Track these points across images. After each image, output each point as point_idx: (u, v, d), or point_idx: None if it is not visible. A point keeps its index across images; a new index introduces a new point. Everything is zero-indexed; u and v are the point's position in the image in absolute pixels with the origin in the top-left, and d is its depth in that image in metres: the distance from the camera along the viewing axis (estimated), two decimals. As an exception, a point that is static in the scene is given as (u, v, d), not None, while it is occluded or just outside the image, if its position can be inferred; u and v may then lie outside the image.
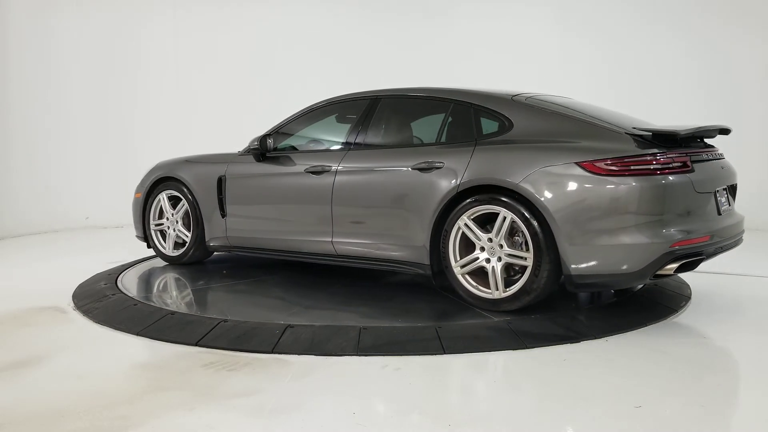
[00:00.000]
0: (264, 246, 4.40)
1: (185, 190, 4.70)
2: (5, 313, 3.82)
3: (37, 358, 3.00)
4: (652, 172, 3.11)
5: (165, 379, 2.71)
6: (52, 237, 7.22)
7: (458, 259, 3.52)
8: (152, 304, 3.80)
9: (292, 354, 2.97)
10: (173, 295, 4.22)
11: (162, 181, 4.87)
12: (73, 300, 4.04)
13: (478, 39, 7.80)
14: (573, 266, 3.17)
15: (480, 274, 3.51)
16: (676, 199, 3.17)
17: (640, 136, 3.27)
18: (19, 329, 3.50)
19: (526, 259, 3.29)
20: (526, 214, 3.25)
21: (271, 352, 3.00)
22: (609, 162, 3.13)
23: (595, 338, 3.13)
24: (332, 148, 4.28)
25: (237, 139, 5.31)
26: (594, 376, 2.70)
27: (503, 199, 3.34)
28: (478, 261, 3.46)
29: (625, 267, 3.13)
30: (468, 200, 3.45)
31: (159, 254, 4.97)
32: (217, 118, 8.13)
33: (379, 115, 4.07)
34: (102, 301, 3.91)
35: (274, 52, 8.13)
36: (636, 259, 3.11)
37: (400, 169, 3.72)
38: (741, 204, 3.85)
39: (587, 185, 3.14)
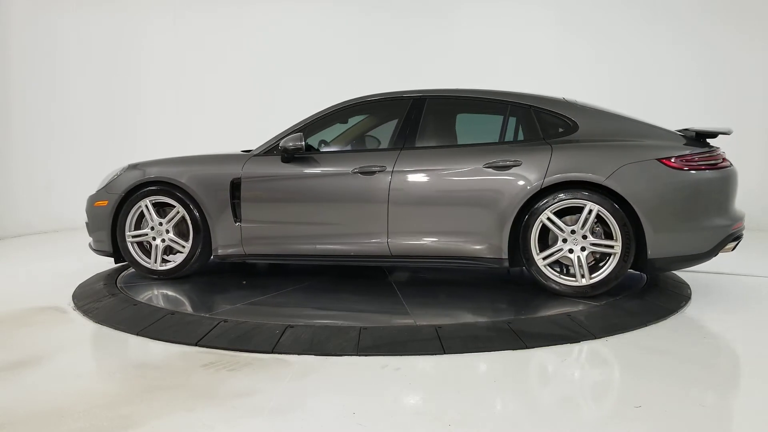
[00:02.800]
0: (295, 252, 4.09)
1: (181, 194, 4.20)
2: (5, 313, 3.82)
3: (37, 358, 3.00)
4: (718, 167, 3.64)
5: (165, 379, 2.71)
6: (52, 237, 7.22)
7: (538, 251, 3.68)
8: (152, 304, 3.79)
9: (292, 354, 2.97)
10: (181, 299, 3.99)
11: (140, 186, 4.29)
12: (73, 300, 4.04)
13: (478, 40, 7.80)
14: (656, 251, 3.57)
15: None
16: (733, 189, 3.71)
17: (685, 135, 3.78)
18: (19, 329, 3.50)
19: (614, 247, 3.61)
20: (615, 206, 3.56)
21: (271, 352, 3.00)
22: (685, 158, 3.59)
23: (595, 338, 3.14)
24: (377, 147, 4.25)
25: (238, 140, 5.30)
26: (594, 376, 2.71)
27: (588, 193, 3.61)
28: (562, 252, 3.68)
29: (700, 248, 3.61)
30: (552, 195, 3.65)
31: (141, 269, 4.34)
32: (219, 118, 8.14)
33: (428, 116, 4.10)
34: (102, 301, 3.90)
35: (275, 54, 8.13)
36: (709, 240, 3.61)
37: (472, 167, 3.80)
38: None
39: (669, 179, 3.56)
